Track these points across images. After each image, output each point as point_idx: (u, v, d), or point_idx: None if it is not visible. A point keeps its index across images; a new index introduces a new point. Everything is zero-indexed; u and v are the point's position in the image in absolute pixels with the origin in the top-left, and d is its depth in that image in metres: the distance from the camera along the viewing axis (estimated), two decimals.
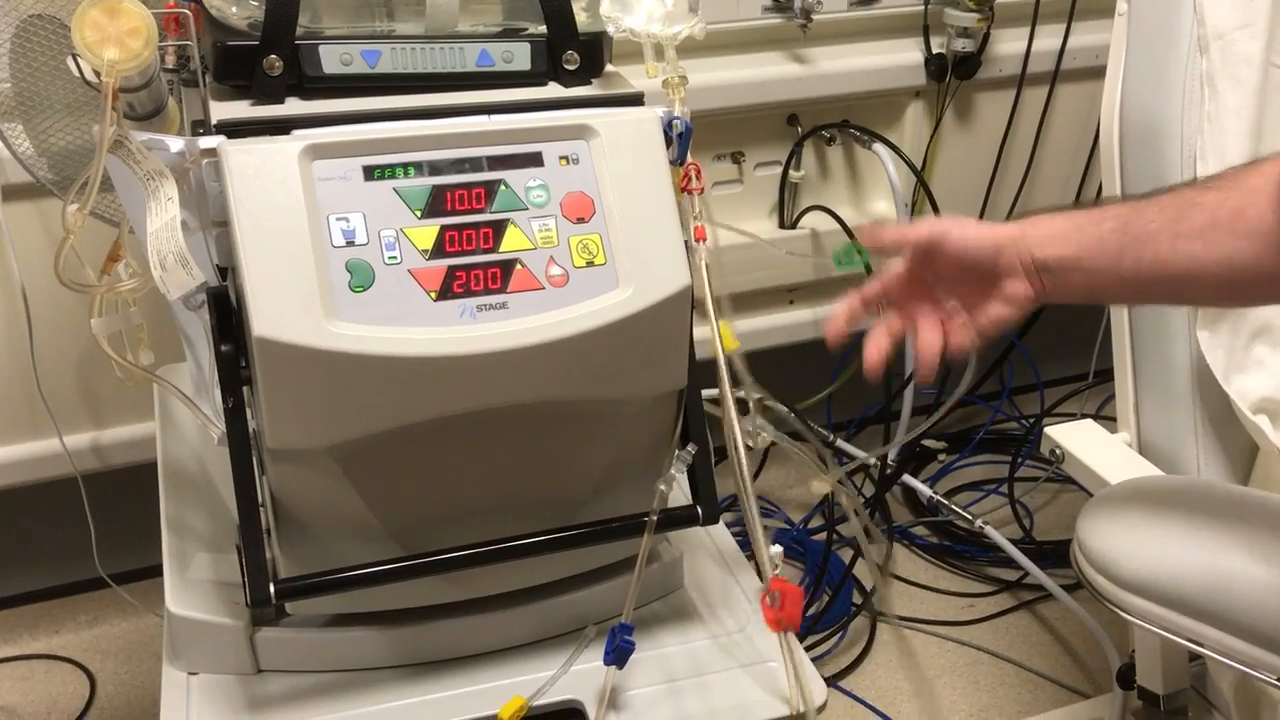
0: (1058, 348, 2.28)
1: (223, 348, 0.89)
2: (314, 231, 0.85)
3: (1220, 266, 0.86)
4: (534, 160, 0.90)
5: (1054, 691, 1.82)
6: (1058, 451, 1.24)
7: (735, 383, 1.03)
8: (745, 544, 1.47)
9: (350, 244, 0.86)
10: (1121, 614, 1.08)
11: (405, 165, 0.88)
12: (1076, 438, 1.25)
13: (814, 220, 1.94)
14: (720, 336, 1.01)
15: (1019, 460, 2.18)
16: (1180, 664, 1.29)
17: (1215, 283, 0.88)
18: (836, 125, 1.88)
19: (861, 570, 1.99)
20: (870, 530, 1.03)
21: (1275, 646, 0.99)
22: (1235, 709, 1.17)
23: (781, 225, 1.97)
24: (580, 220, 0.90)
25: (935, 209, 1.87)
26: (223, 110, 0.91)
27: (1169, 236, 0.88)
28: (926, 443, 2.28)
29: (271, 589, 0.91)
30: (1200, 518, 1.04)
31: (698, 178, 0.99)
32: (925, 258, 0.95)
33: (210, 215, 0.88)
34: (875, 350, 0.95)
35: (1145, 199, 0.91)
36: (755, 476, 1.43)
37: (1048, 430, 1.26)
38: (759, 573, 1.02)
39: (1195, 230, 0.87)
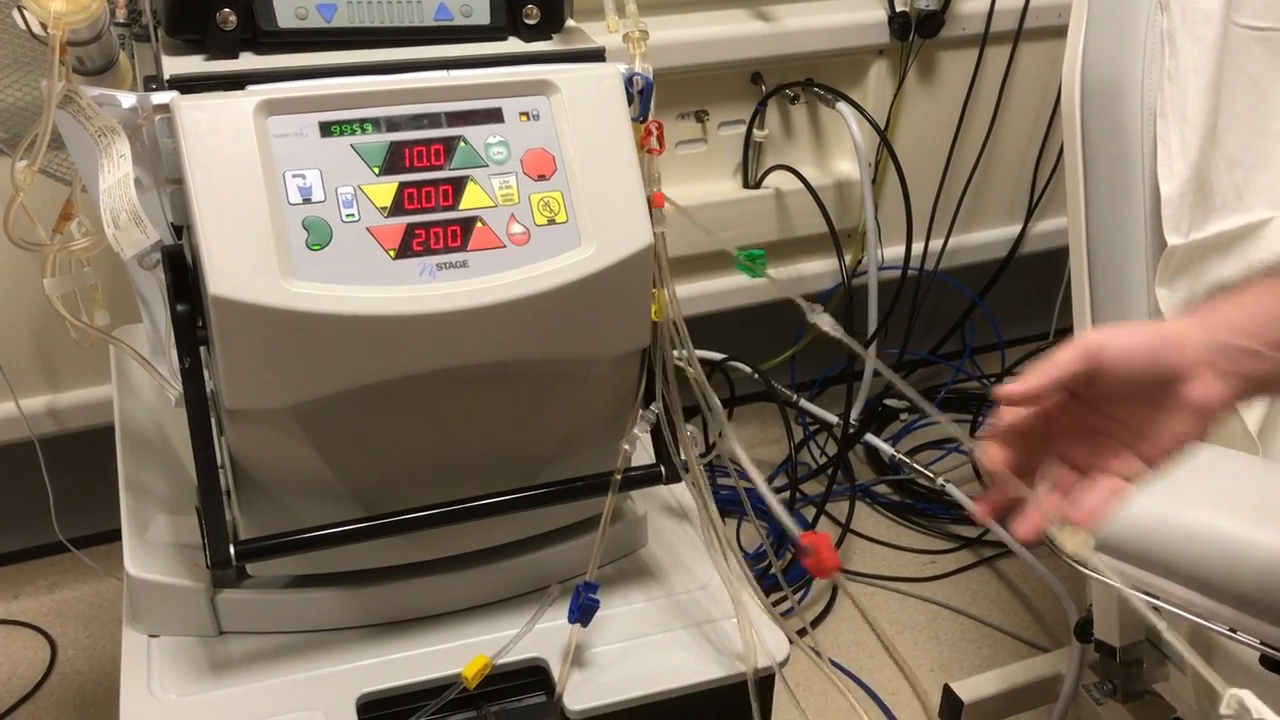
0: (1019, 308, 2.30)
1: (178, 307, 0.88)
2: (270, 189, 0.83)
3: None
4: (494, 116, 0.89)
5: (1013, 645, 1.85)
6: None
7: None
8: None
9: (307, 201, 0.84)
10: (1079, 567, 1.10)
11: (363, 121, 0.87)
12: None
13: (778, 180, 1.94)
14: (662, 303, 0.99)
15: (980, 419, 2.20)
16: (1136, 617, 1.31)
17: None
18: (800, 84, 1.88)
19: (824, 528, 2.01)
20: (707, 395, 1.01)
21: (1229, 598, 1.01)
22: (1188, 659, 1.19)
23: (746, 185, 1.96)
24: (541, 177, 0.89)
25: (898, 168, 1.87)
26: (175, 65, 0.89)
27: None
28: (889, 402, 2.30)
29: (231, 550, 0.91)
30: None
31: (659, 138, 0.99)
32: (1084, 383, 0.75)
33: (164, 172, 0.86)
34: (1029, 527, 0.74)
35: None
36: (719, 437, 1.43)
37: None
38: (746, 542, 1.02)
39: None
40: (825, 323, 0.95)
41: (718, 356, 2.01)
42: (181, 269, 0.89)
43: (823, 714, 1.64)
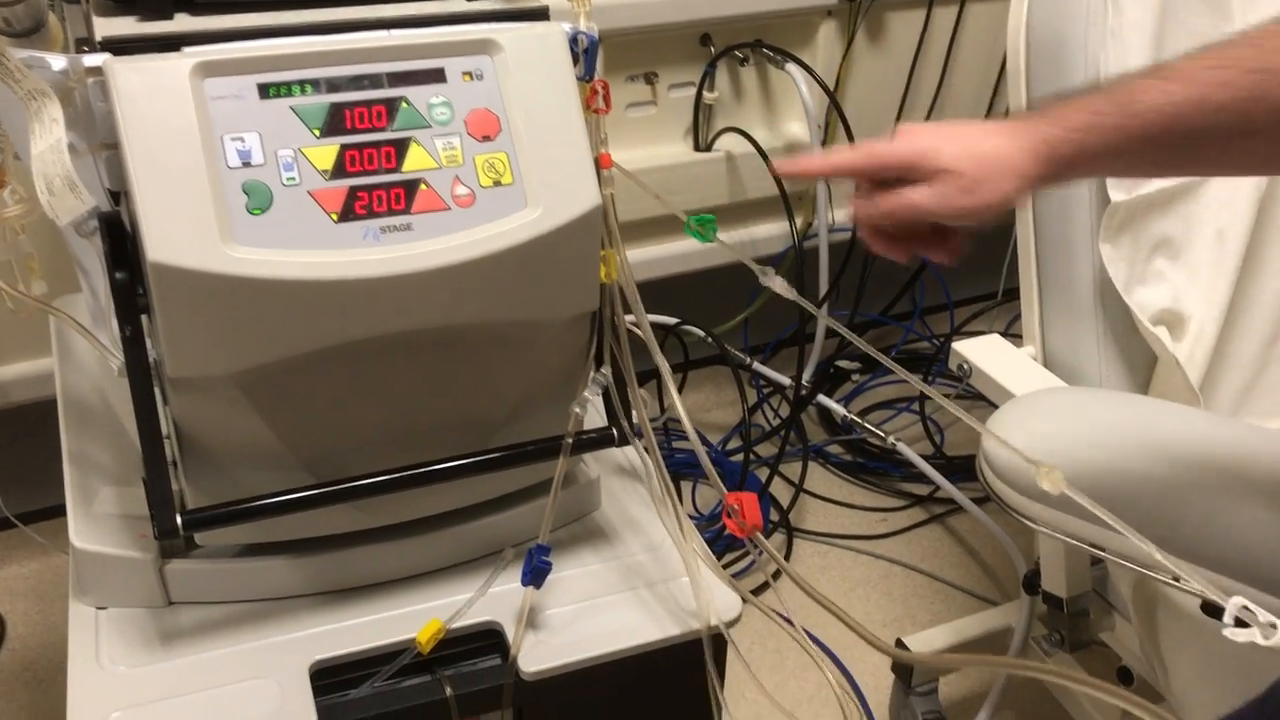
0: (967, 267, 2.31)
1: (117, 275, 0.86)
2: (208, 152, 0.82)
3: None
4: (436, 76, 0.88)
5: (964, 600, 1.88)
6: (965, 366, 1.26)
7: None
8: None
9: (246, 165, 0.83)
10: (1026, 522, 1.11)
11: (302, 83, 0.86)
12: (983, 352, 1.27)
13: (729, 142, 1.93)
14: (613, 265, 0.99)
15: (930, 378, 2.22)
16: (1082, 569, 1.33)
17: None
18: (749, 45, 1.87)
19: (778, 488, 2.03)
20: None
21: (1173, 548, 1.03)
22: (1133, 608, 1.22)
23: (697, 148, 1.96)
24: (486, 138, 0.89)
25: (847, 129, 1.87)
26: (108, 26, 0.87)
27: (1238, 117, 0.79)
28: (840, 363, 2.31)
29: (179, 520, 0.90)
30: (1101, 426, 1.06)
31: (605, 97, 0.98)
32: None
33: (99, 137, 0.85)
34: (805, 165, 0.93)
35: (1144, 88, 0.83)
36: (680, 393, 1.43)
37: (955, 345, 1.28)
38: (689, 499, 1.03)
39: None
40: (778, 285, 0.95)
41: (671, 321, 2.02)
42: (119, 236, 0.87)
43: (778, 670, 1.66)
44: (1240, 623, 0.56)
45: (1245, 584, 0.96)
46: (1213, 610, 1.04)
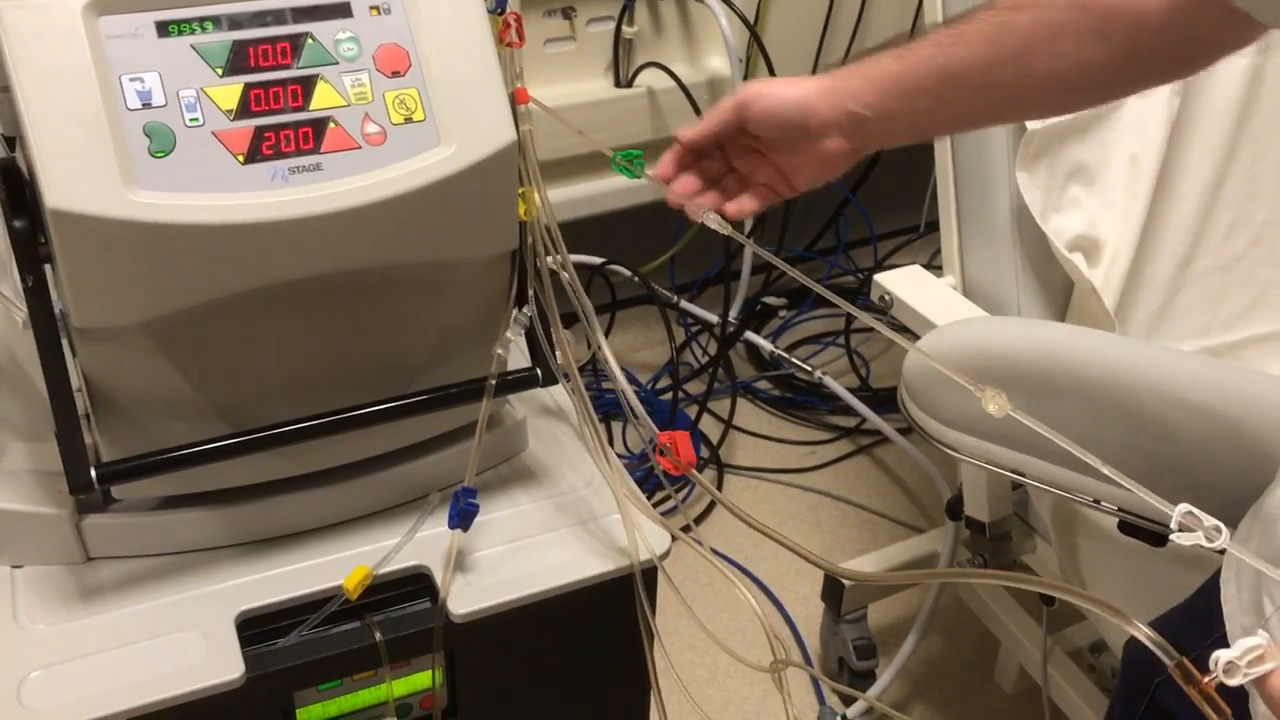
0: (891, 200, 2.33)
1: (16, 223, 0.83)
2: (105, 94, 0.79)
3: (1040, 90, 0.87)
4: (342, 11, 0.85)
5: (891, 528, 1.92)
6: (886, 298, 1.27)
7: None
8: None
9: (147, 106, 0.80)
10: (948, 451, 1.13)
11: (202, 20, 0.83)
12: (904, 283, 1.28)
13: (650, 78, 1.91)
14: (532, 203, 0.98)
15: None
16: (1003, 493, 1.36)
17: (1035, 103, 0.91)
18: None
19: (707, 425, 2.04)
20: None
21: (1087, 469, 1.05)
22: (1053, 530, 1.25)
23: (617, 84, 1.94)
24: (396, 74, 0.86)
25: (768, 62, 1.86)
26: None
27: (984, 69, 0.87)
28: (767, 299, 2.32)
29: (93, 475, 0.88)
30: (1019, 353, 1.08)
31: (518, 30, 0.96)
32: (740, 128, 0.95)
33: None
34: (678, 184, 0.97)
35: (957, 31, 0.89)
36: (608, 335, 1.42)
37: (876, 277, 1.29)
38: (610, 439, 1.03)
39: (1009, 58, 0.86)
40: (713, 220, 0.95)
41: (596, 260, 2.01)
42: (17, 182, 0.84)
43: (710, 604, 1.68)
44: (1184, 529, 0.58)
45: (1168, 498, 0.98)
46: (1130, 530, 1.08)
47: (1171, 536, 0.59)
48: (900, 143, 0.96)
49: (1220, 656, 0.53)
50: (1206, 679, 0.53)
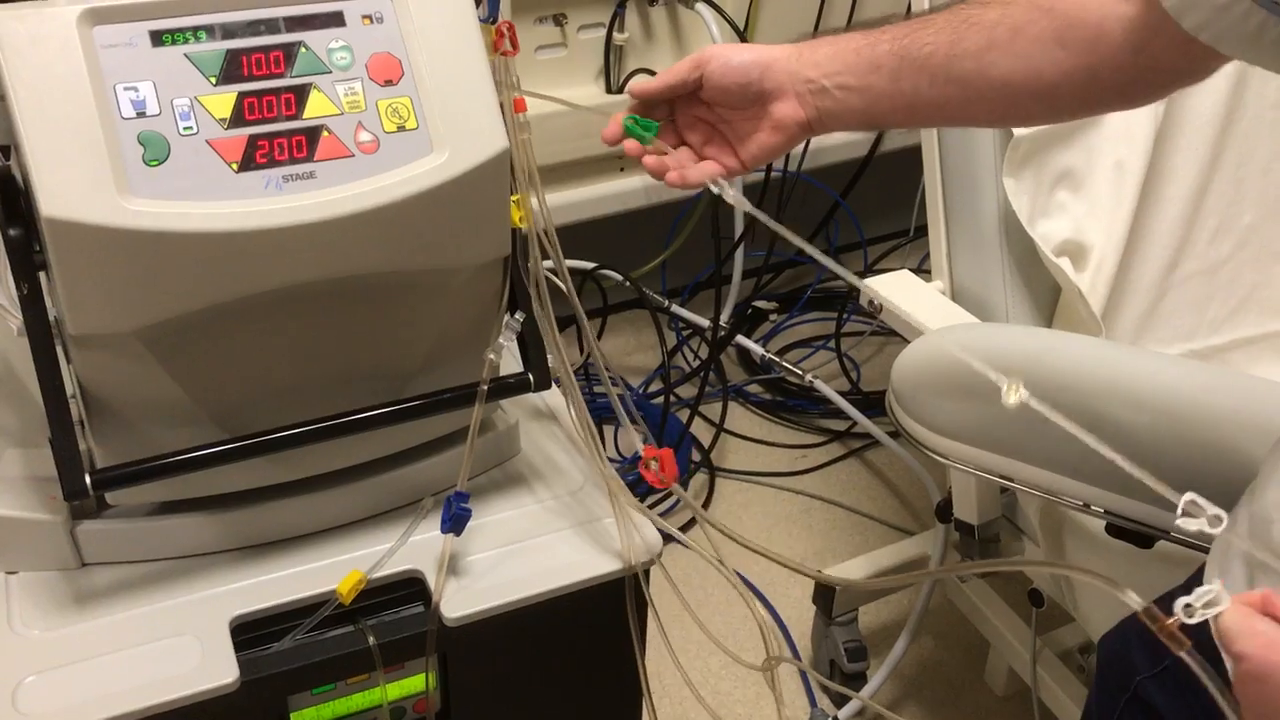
0: (880, 205, 2.34)
1: (11, 231, 0.84)
2: (100, 103, 0.80)
3: (994, 90, 0.86)
4: (335, 20, 0.86)
5: (883, 531, 1.93)
6: (876, 303, 1.28)
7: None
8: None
9: (141, 115, 0.81)
10: (936, 457, 1.14)
11: (196, 29, 0.83)
12: (893, 288, 1.29)
13: None
14: (527, 210, 0.98)
15: (845, 316, 2.25)
16: (992, 497, 1.37)
17: (989, 106, 0.88)
18: None
19: (699, 429, 2.05)
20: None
21: (1077, 474, 1.06)
22: (1041, 533, 1.26)
23: (608, 90, 1.94)
24: (388, 83, 0.87)
25: None
26: None
27: (944, 58, 0.86)
28: (758, 304, 2.33)
29: (87, 481, 0.88)
30: (1007, 358, 1.09)
31: (511, 39, 0.97)
32: (694, 93, 0.94)
33: None
34: (622, 138, 0.95)
35: (926, 18, 0.89)
36: (599, 338, 1.43)
37: (866, 282, 1.30)
38: (612, 447, 1.03)
39: (970, 51, 0.85)
40: (729, 195, 0.94)
41: (588, 265, 2.01)
42: (12, 191, 0.85)
43: (704, 607, 1.69)
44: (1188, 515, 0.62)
45: (1158, 505, 0.99)
46: (1118, 532, 1.09)
47: (1177, 521, 0.62)
48: (852, 126, 0.94)
49: (1180, 600, 0.58)
50: (1170, 620, 0.59)
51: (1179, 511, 0.62)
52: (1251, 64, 0.77)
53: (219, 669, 0.90)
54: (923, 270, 1.44)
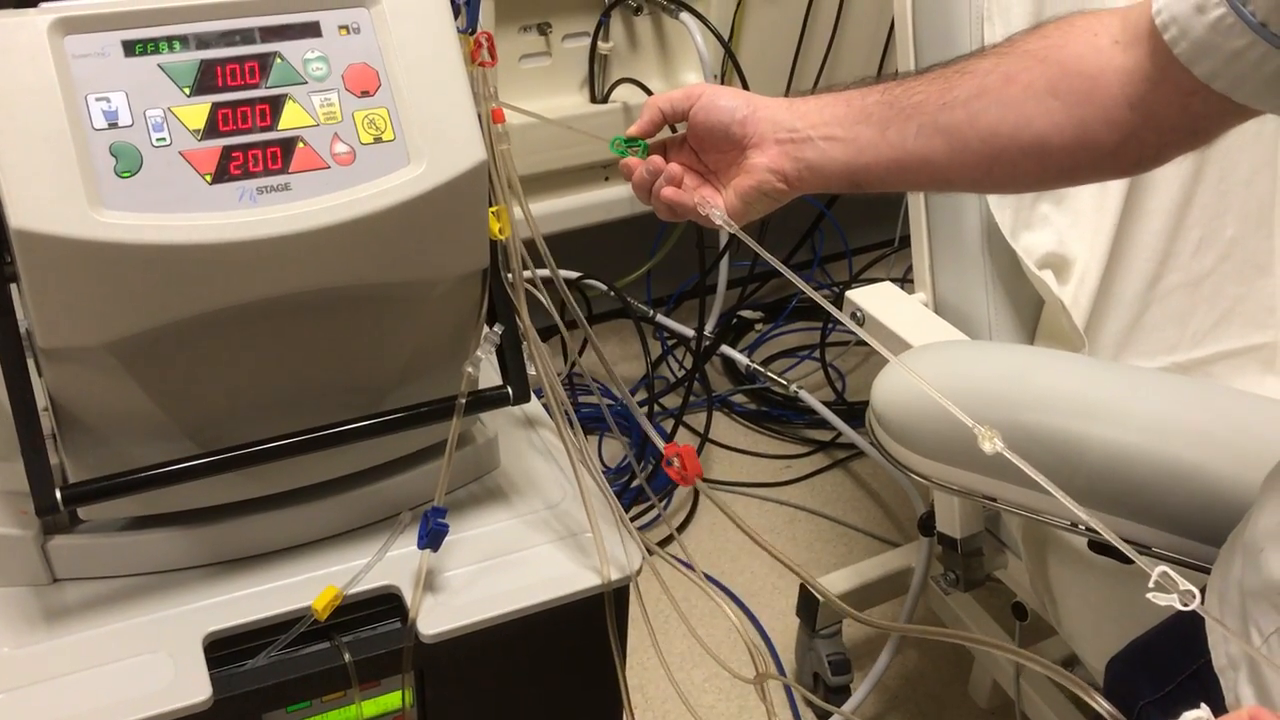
0: (865, 215, 2.34)
1: None
2: (71, 113, 0.79)
3: (981, 140, 0.83)
4: (311, 30, 0.85)
5: (867, 543, 1.92)
6: (858, 314, 1.28)
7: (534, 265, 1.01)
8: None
9: (113, 126, 0.80)
10: (917, 478, 1.13)
11: (169, 39, 0.82)
12: (875, 300, 1.28)
13: (625, 93, 1.92)
14: (506, 221, 0.98)
15: (830, 326, 2.24)
16: (974, 511, 1.37)
17: (974, 159, 0.84)
18: None
19: (683, 439, 2.04)
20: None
21: (1072, 491, 1.05)
22: (1024, 548, 1.25)
23: (593, 99, 1.94)
24: (365, 94, 0.86)
25: (742, 79, 1.87)
26: None
27: (934, 106, 0.84)
28: (743, 313, 2.33)
29: (58, 495, 0.87)
30: (989, 379, 1.08)
31: (490, 49, 0.96)
32: (682, 137, 0.96)
33: None
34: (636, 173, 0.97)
35: (923, 72, 0.88)
36: (580, 353, 1.43)
37: (848, 294, 1.29)
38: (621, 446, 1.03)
39: (960, 99, 0.83)
40: (717, 217, 0.94)
41: (572, 275, 2.01)
42: None
43: (685, 620, 1.68)
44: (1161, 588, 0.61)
45: (1143, 524, 0.99)
46: (1100, 548, 1.08)
47: (1147, 595, 0.61)
48: (834, 182, 0.90)
49: None
50: None
51: (1150, 583, 0.61)
52: (1268, 111, 0.74)
53: (192, 687, 0.88)
54: (908, 280, 1.43)
